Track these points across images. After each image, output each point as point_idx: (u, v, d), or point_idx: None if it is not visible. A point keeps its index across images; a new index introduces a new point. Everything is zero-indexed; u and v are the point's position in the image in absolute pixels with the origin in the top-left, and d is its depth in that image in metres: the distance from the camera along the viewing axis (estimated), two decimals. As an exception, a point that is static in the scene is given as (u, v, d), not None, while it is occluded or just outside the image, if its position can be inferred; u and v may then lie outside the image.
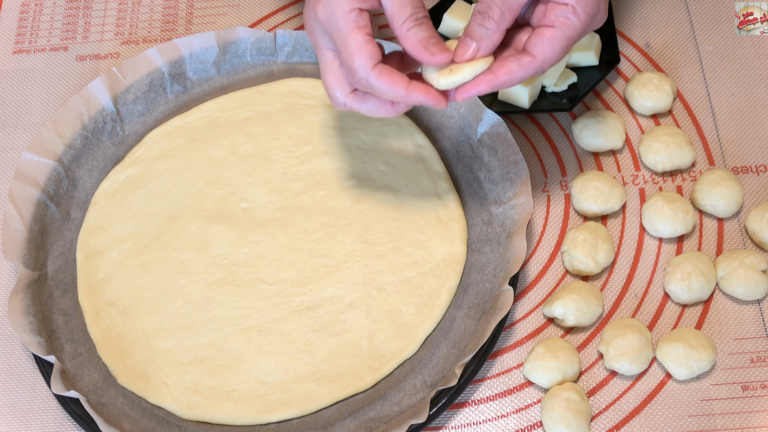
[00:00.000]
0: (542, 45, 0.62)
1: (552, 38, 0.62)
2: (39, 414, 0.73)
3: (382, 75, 0.61)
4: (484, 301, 0.72)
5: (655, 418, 0.69)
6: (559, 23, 0.62)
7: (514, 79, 0.63)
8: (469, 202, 0.77)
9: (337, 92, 0.65)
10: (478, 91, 0.63)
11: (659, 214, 0.74)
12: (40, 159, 0.79)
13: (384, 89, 0.62)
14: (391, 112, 0.65)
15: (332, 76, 0.64)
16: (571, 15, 0.62)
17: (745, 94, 0.82)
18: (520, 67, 0.62)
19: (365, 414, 0.69)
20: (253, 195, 0.79)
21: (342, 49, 0.62)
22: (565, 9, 0.62)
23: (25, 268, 0.75)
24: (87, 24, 0.93)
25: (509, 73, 0.62)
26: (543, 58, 0.62)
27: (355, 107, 0.65)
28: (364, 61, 0.61)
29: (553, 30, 0.62)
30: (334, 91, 0.65)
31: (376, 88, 0.62)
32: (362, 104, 0.64)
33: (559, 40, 0.62)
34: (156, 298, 0.75)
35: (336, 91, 0.65)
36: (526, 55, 0.63)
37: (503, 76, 0.62)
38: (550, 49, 0.62)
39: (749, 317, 0.72)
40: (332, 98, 0.65)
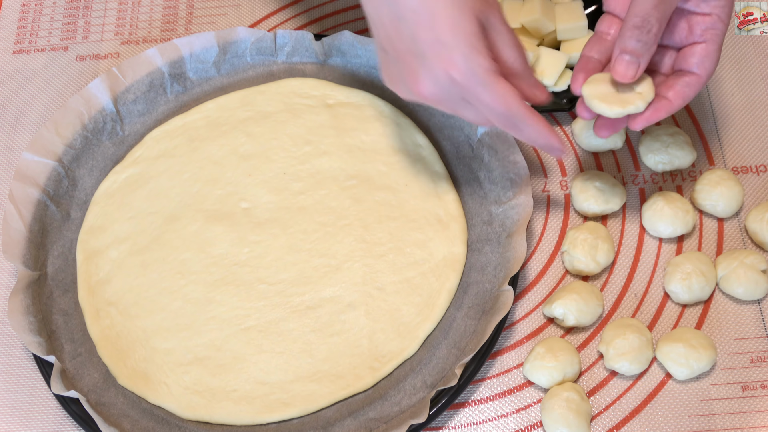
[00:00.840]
0: (701, 62, 0.64)
1: (709, 53, 0.64)
2: (39, 414, 0.73)
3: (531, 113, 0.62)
4: (484, 301, 0.72)
5: (655, 418, 0.69)
6: (709, 36, 0.64)
7: (686, 100, 0.64)
8: (469, 202, 0.77)
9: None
10: (657, 118, 0.64)
11: (659, 214, 0.74)
12: (40, 159, 0.79)
13: (531, 128, 0.62)
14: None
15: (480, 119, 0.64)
16: (718, 23, 0.63)
17: (745, 94, 0.82)
18: (691, 89, 0.64)
19: (365, 414, 0.69)
20: (253, 195, 0.79)
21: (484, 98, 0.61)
22: (711, 20, 0.63)
23: (25, 268, 0.75)
24: (87, 24, 0.93)
25: (682, 96, 0.64)
26: (707, 74, 0.64)
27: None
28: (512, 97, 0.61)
29: (706, 44, 0.64)
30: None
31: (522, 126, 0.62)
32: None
33: (714, 51, 0.64)
34: (156, 298, 0.75)
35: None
36: (688, 75, 0.64)
37: (678, 101, 0.64)
38: (710, 63, 0.64)
39: (749, 317, 0.72)
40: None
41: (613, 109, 0.63)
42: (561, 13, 0.82)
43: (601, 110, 0.64)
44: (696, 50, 0.64)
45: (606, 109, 0.63)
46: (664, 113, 0.64)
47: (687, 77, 0.64)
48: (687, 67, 0.65)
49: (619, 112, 0.63)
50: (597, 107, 0.64)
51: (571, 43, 0.82)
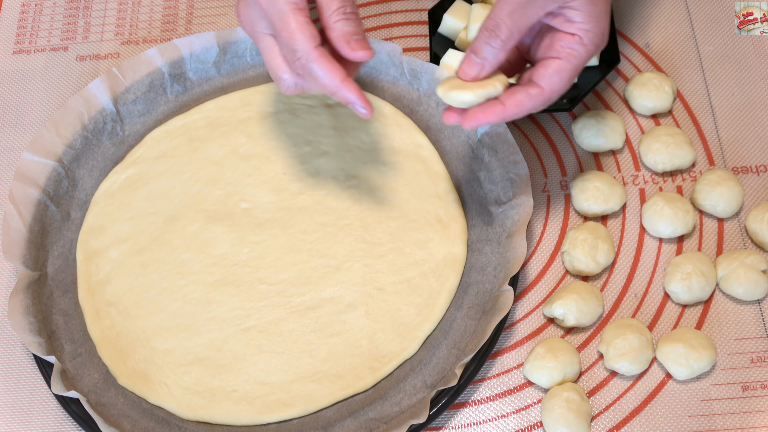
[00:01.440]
0: (549, 76, 0.63)
1: (559, 69, 0.63)
2: (39, 414, 0.73)
3: (321, 58, 0.62)
4: (484, 302, 0.72)
5: (656, 418, 0.69)
6: (565, 54, 0.63)
7: (523, 110, 0.64)
8: (469, 202, 0.77)
9: (284, 74, 0.65)
10: (487, 120, 0.63)
11: (659, 214, 0.74)
12: (40, 159, 0.79)
13: (321, 74, 0.62)
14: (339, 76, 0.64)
15: (276, 59, 0.65)
16: (578, 45, 0.63)
17: (745, 94, 0.82)
18: (529, 99, 0.63)
19: (365, 414, 0.69)
20: (253, 195, 0.79)
21: (282, 29, 0.62)
22: (572, 39, 0.63)
23: (25, 269, 0.75)
24: (87, 24, 0.93)
25: (518, 104, 0.63)
26: (551, 89, 0.64)
27: (305, 87, 0.65)
28: (306, 40, 0.62)
29: (560, 61, 0.63)
30: (281, 73, 0.65)
31: (314, 71, 0.62)
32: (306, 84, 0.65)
33: (566, 70, 0.64)
34: (156, 298, 0.75)
35: (283, 73, 0.65)
36: (533, 87, 0.64)
37: (512, 108, 0.63)
38: (558, 80, 0.63)
39: (749, 317, 0.72)
40: (279, 81, 0.66)
41: (448, 94, 0.63)
42: None
43: (439, 94, 0.64)
44: (549, 64, 0.64)
45: (442, 93, 0.64)
46: (494, 117, 0.63)
47: (531, 88, 0.64)
48: (535, 79, 0.64)
49: (453, 99, 0.63)
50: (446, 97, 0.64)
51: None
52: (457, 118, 0.66)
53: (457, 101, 0.63)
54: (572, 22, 0.63)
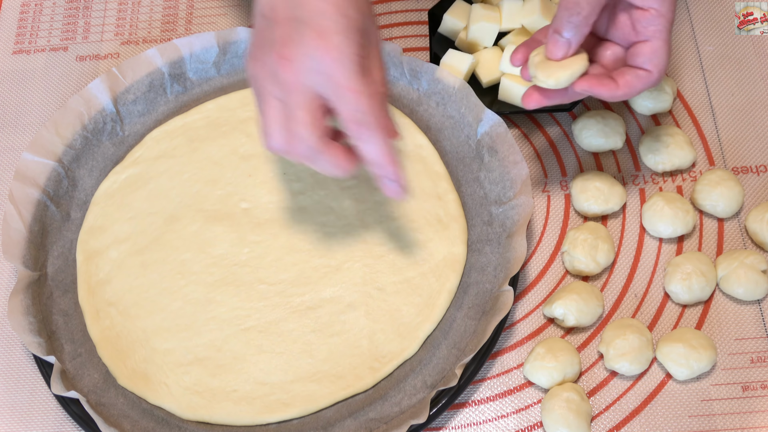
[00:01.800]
0: (652, 58, 0.65)
1: (657, 50, 0.65)
2: (39, 414, 0.73)
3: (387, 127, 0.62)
4: (485, 302, 0.72)
5: (656, 418, 0.69)
6: (652, 33, 0.65)
7: (633, 92, 0.66)
8: (469, 202, 0.77)
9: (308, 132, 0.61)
10: (599, 93, 0.65)
11: (659, 214, 0.74)
12: (40, 159, 0.79)
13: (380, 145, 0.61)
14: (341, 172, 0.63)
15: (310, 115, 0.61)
16: (658, 19, 0.64)
17: (745, 94, 0.82)
18: (639, 81, 0.65)
19: (365, 414, 0.69)
20: (253, 195, 0.79)
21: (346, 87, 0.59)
22: (651, 15, 0.65)
23: (25, 269, 0.75)
24: (87, 24, 0.93)
25: (629, 86, 0.65)
26: (659, 71, 0.66)
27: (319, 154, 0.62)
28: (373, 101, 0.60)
29: (652, 42, 0.65)
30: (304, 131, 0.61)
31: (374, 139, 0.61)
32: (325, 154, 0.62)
33: (661, 48, 0.65)
34: (156, 298, 0.75)
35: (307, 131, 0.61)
36: (641, 70, 0.65)
37: (624, 88, 0.65)
38: (660, 60, 0.65)
39: (749, 317, 0.72)
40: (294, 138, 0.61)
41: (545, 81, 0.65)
42: None
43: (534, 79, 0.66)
44: (643, 49, 0.66)
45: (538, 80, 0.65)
46: (606, 92, 0.65)
47: (639, 71, 0.66)
48: (638, 64, 0.66)
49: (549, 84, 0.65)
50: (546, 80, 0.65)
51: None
52: (539, 99, 0.67)
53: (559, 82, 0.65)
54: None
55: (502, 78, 0.80)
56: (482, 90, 0.82)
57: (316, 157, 0.62)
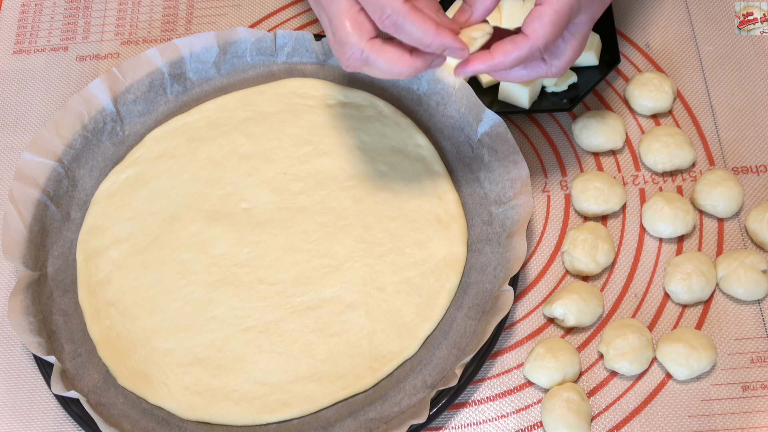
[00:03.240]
0: (532, 22, 0.62)
1: (540, 14, 0.61)
2: (39, 414, 0.73)
3: (413, 11, 0.59)
4: (485, 302, 0.72)
5: (656, 418, 0.69)
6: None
7: (509, 59, 0.62)
8: (469, 202, 0.77)
9: (354, 38, 0.60)
10: (475, 69, 0.62)
11: (659, 214, 0.74)
12: (40, 159, 0.79)
13: (414, 28, 0.59)
14: (407, 67, 0.61)
15: (351, 20, 0.61)
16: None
17: (745, 94, 0.82)
18: (515, 47, 0.62)
19: (365, 414, 0.69)
20: (253, 195, 0.79)
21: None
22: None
23: (25, 269, 0.75)
24: (87, 24, 0.93)
25: (504, 52, 0.62)
26: (535, 35, 0.62)
27: (371, 57, 0.61)
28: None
29: (541, 6, 0.62)
30: (350, 38, 0.61)
31: (405, 26, 0.59)
32: (380, 54, 0.61)
33: (547, 14, 0.61)
34: (156, 298, 0.75)
35: (353, 38, 0.61)
36: (519, 35, 0.62)
37: (498, 56, 0.62)
38: (540, 26, 0.61)
39: (749, 317, 0.72)
40: (345, 47, 0.61)
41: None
42: None
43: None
44: (533, 11, 0.62)
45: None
46: (481, 64, 0.62)
47: (517, 36, 0.62)
48: (522, 28, 0.62)
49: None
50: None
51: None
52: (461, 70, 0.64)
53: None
54: None
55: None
56: (482, 90, 0.82)
57: (370, 61, 0.61)
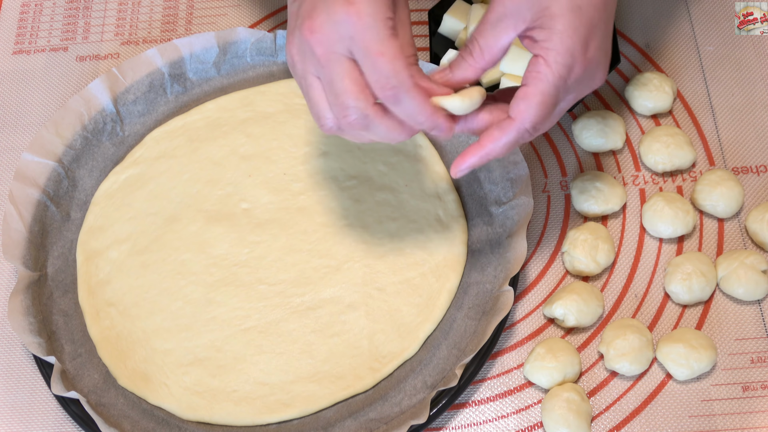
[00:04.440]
0: (517, 104, 0.59)
1: (525, 95, 0.59)
2: (39, 414, 0.73)
3: (417, 88, 0.58)
4: (485, 302, 0.72)
5: (656, 418, 0.69)
6: (530, 79, 0.59)
7: (499, 145, 0.60)
8: (469, 202, 0.77)
9: (360, 102, 0.58)
10: (469, 164, 0.61)
11: (659, 214, 0.74)
12: (40, 159, 0.79)
13: (414, 104, 0.58)
14: (405, 135, 0.61)
15: (355, 83, 0.58)
16: (542, 67, 0.59)
17: (745, 94, 0.82)
18: (501, 132, 0.60)
19: (366, 415, 0.69)
20: (253, 195, 0.79)
21: (379, 53, 0.57)
22: (536, 61, 0.59)
23: (25, 269, 0.75)
24: (87, 24, 0.93)
25: (493, 140, 0.60)
26: (520, 118, 0.59)
27: (375, 123, 0.59)
28: (404, 68, 0.57)
29: (526, 88, 0.59)
30: (356, 102, 0.58)
31: (405, 102, 0.58)
32: (383, 120, 0.59)
33: (532, 95, 0.59)
34: (156, 298, 0.75)
35: (359, 102, 0.58)
36: (505, 119, 0.60)
37: (488, 144, 0.60)
38: (525, 107, 0.59)
39: (749, 317, 0.72)
40: (349, 110, 0.59)
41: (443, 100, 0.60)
42: None
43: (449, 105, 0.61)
44: (518, 92, 0.60)
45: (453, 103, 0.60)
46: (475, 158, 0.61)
47: (503, 121, 0.60)
48: (509, 111, 0.60)
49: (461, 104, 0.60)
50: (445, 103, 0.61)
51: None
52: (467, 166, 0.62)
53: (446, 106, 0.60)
54: (536, 42, 0.59)
55: (502, 78, 0.80)
56: (482, 90, 0.82)
57: (371, 125, 0.59)
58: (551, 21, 0.58)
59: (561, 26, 0.58)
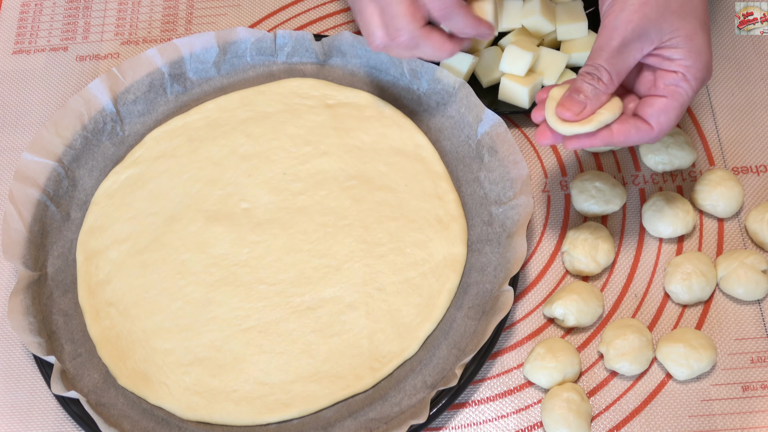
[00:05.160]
0: (657, 115, 0.64)
1: (667, 108, 0.64)
2: (39, 414, 0.73)
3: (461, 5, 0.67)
4: (485, 302, 0.72)
5: (656, 418, 0.69)
6: (670, 92, 0.63)
7: (630, 142, 0.64)
8: (469, 202, 0.77)
9: (411, 25, 0.66)
10: (592, 144, 0.64)
11: (659, 214, 0.74)
12: (40, 159, 0.79)
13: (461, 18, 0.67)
14: (447, 52, 0.69)
15: (407, 7, 0.66)
16: (682, 82, 0.63)
17: (745, 94, 0.82)
18: (638, 134, 0.64)
19: (365, 414, 0.69)
20: (253, 195, 0.79)
21: None
22: (676, 77, 0.63)
23: (25, 269, 0.75)
24: (87, 24, 0.93)
25: (626, 135, 0.64)
26: (660, 129, 0.64)
27: (422, 43, 0.68)
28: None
29: (666, 100, 0.64)
30: (407, 24, 0.66)
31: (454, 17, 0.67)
32: (429, 39, 0.68)
33: (673, 109, 0.64)
34: (156, 298, 0.75)
35: (410, 24, 0.66)
36: (643, 123, 0.64)
37: (620, 137, 0.64)
38: (666, 119, 0.64)
39: (749, 317, 0.72)
40: (400, 31, 0.67)
41: (568, 128, 0.63)
42: (561, 14, 0.82)
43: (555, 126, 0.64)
44: (655, 102, 0.64)
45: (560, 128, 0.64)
46: (600, 142, 0.64)
47: (642, 124, 0.64)
48: (645, 116, 0.64)
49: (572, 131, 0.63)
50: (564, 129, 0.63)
51: (571, 43, 0.82)
52: (552, 137, 0.65)
53: (564, 131, 0.63)
54: (672, 60, 0.63)
55: (502, 78, 0.80)
56: (482, 90, 0.82)
57: (419, 45, 0.68)
58: (687, 41, 0.63)
59: (698, 45, 0.63)
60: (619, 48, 0.63)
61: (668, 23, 0.62)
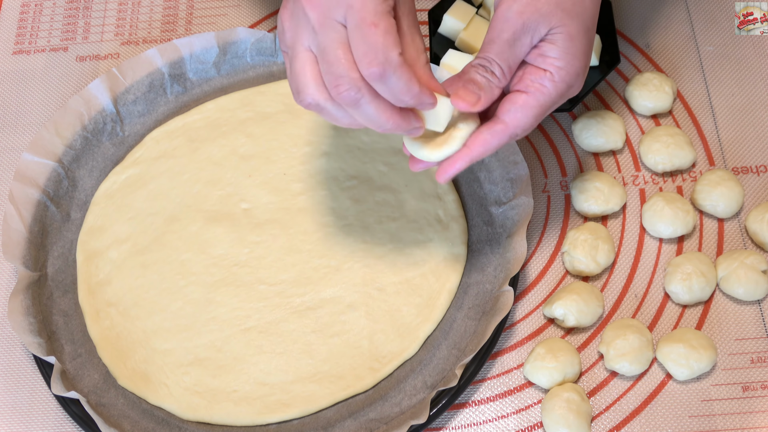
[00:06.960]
0: (514, 111, 0.60)
1: (525, 105, 0.60)
2: (39, 414, 0.73)
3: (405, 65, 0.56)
4: (485, 302, 0.72)
5: (656, 418, 0.69)
6: (533, 89, 0.60)
7: (489, 149, 0.61)
8: (469, 202, 0.77)
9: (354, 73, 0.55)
10: (456, 168, 0.61)
11: (659, 214, 0.74)
12: (40, 159, 0.79)
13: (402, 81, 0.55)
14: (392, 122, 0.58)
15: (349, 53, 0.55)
16: (548, 82, 0.60)
17: (745, 94, 0.82)
18: (493, 137, 0.60)
19: (365, 415, 0.69)
20: (253, 195, 0.79)
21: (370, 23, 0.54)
22: (543, 75, 0.60)
23: (25, 269, 0.75)
24: (87, 24, 0.93)
25: (484, 144, 0.60)
26: (515, 125, 0.60)
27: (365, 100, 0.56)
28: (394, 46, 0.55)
29: (526, 96, 0.60)
30: (349, 72, 0.55)
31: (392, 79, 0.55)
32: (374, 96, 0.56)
33: (532, 107, 0.60)
34: (156, 298, 0.75)
35: (353, 72, 0.55)
36: (497, 123, 0.61)
37: (478, 148, 0.60)
38: (522, 116, 0.60)
39: (749, 318, 0.72)
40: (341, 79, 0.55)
41: (431, 154, 0.60)
42: None
43: (418, 155, 0.61)
44: (515, 98, 0.60)
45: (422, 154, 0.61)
46: (462, 162, 0.60)
47: (495, 125, 0.60)
48: (500, 114, 0.60)
49: (438, 156, 0.60)
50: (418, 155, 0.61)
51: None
52: (424, 165, 0.63)
53: (430, 158, 0.61)
54: (545, 57, 0.60)
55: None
56: (482, 90, 0.82)
57: (361, 101, 0.56)
58: (567, 40, 0.60)
59: (575, 49, 0.60)
60: (509, 41, 0.59)
61: (557, 19, 0.59)
